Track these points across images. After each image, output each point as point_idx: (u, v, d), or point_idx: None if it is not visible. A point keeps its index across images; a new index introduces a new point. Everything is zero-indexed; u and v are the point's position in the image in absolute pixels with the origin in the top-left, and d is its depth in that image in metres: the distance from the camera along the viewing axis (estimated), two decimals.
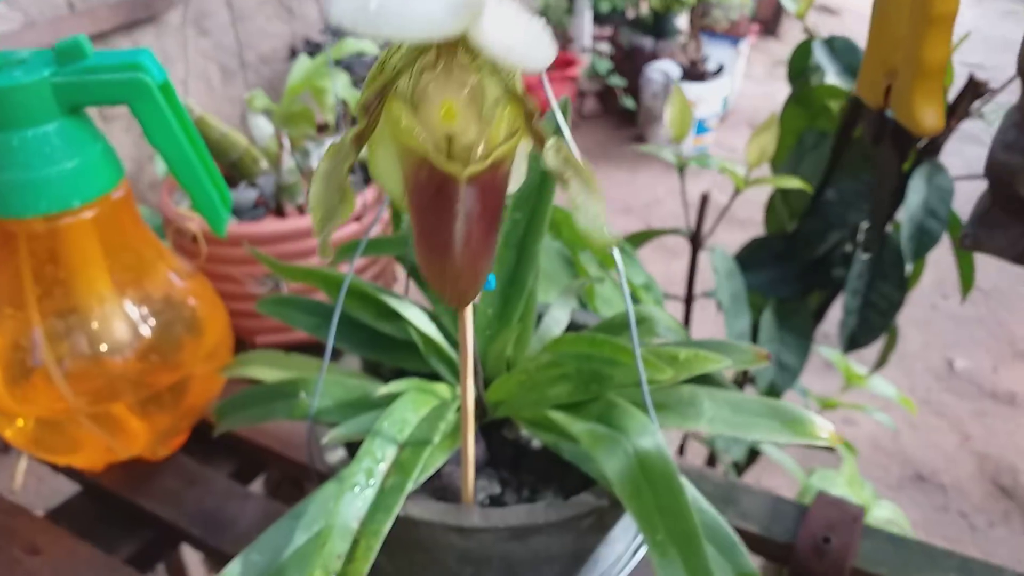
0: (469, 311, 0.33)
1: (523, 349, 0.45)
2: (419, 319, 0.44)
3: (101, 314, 0.55)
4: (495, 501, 0.41)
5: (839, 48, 0.91)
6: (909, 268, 0.90)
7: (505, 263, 0.44)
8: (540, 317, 0.48)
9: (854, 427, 1.84)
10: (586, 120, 3.37)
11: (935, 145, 0.79)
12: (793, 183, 0.83)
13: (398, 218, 0.51)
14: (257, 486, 0.69)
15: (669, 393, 0.42)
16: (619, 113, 3.31)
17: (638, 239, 0.91)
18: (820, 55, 0.89)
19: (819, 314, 1.05)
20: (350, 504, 0.34)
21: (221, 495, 0.61)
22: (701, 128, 2.95)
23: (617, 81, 3.09)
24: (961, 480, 1.72)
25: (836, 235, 0.98)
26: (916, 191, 0.79)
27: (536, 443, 0.45)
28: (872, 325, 0.96)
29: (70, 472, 0.65)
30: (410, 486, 0.35)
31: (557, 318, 0.48)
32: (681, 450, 1.31)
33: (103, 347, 0.55)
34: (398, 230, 0.51)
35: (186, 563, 0.80)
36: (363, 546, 0.33)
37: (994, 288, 2.31)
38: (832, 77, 0.90)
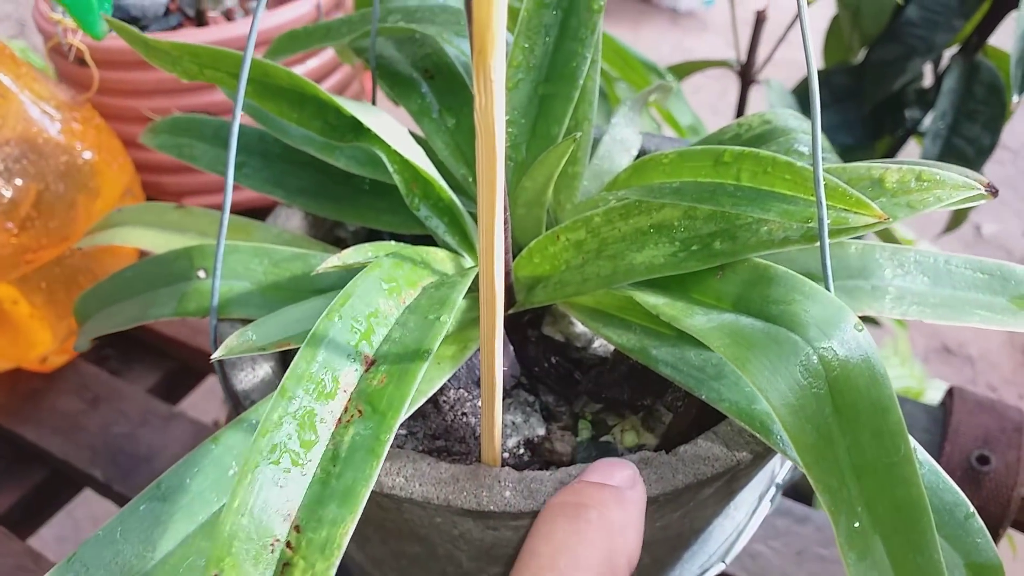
0: (499, 58, 0.14)
1: (574, 190, 0.26)
2: (396, 135, 0.25)
3: None
4: (535, 450, 0.24)
5: None
6: (1016, 99, 0.72)
7: (541, 31, 0.25)
8: (595, 143, 0.30)
9: None
10: None
11: None
12: None
13: None
14: (190, 402, 0.52)
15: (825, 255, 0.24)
16: None
17: (681, 71, 0.71)
18: None
19: None
20: (267, 488, 0.17)
21: (136, 418, 0.44)
22: None
23: None
24: (990, 352, 1.61)
25: (917, 64, 0.79)
26: None
27: (601, 346, 0.27)
28: None
29: None
30: (389, 441, 0.17)
31: (623, 140, 0.29)
32: None
33: None
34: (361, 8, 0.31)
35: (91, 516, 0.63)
36: (303, 553, 0.16)
37: (1023, 147, 2.12)
38: None
